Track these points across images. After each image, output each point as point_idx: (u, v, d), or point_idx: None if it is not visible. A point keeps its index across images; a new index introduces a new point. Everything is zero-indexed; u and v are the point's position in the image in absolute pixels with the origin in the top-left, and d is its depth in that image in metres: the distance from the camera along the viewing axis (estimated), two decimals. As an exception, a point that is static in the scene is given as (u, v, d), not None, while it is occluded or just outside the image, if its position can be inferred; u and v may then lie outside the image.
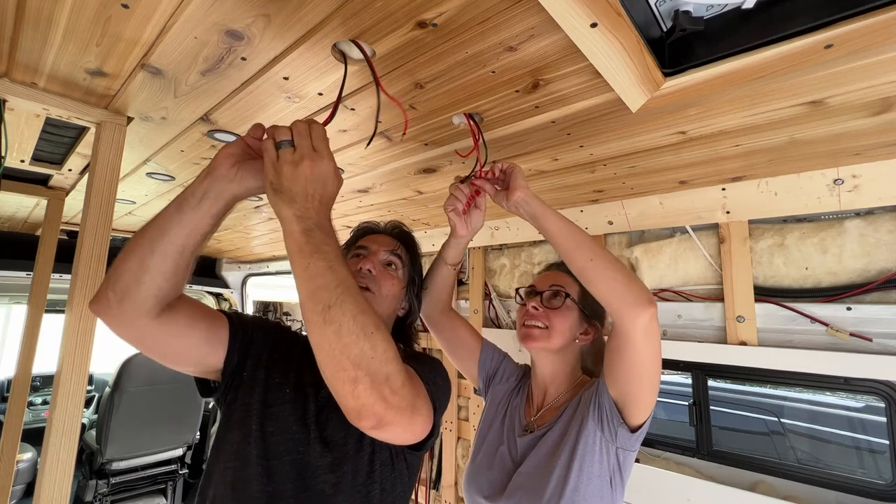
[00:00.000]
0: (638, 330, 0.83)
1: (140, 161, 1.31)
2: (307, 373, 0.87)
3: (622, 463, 0.93)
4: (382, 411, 0.60)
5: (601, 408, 0.93)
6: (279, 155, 0.64)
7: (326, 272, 0.61)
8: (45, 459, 0.90)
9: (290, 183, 0.63)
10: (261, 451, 0.78)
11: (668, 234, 1.53)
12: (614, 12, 0.62)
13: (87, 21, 0.70)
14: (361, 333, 0.59)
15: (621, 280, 0.85)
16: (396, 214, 1.86)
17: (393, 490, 0.84)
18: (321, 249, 0.62)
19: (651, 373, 0.88)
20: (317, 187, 0.64)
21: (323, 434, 0.81)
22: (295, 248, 0.62)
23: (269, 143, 0.66)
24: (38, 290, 1.79)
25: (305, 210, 0.63)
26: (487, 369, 1.28)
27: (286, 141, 0.65)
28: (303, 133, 0.66)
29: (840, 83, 0.73)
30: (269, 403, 0.83)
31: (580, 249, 0.89)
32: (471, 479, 1.09)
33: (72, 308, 0.94)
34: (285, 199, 0.63)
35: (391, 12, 0.63)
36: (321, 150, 0.66)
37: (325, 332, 0.59)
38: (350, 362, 0.58)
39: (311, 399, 0.84)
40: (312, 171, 0.63)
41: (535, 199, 0.94)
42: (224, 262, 3.45)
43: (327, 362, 0.60)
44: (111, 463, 3.11)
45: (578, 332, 1.09)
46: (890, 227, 1.15)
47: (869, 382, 1.18)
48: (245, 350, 0.86)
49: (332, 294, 0.60)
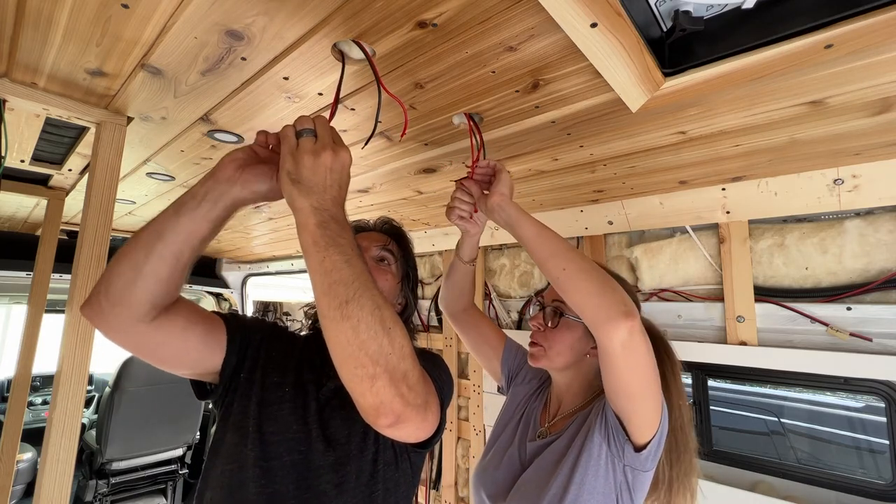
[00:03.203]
0: (615, 346, 0.77)
1: (140, 161, 1.31)
2: (307, 371, 0.87)
3: (631, 482, 0.86)
4: (401, 408, 0.58)
5: (607, 422, 0.88)
6: (300, 143, 0.63)
7: (343, 266, 0.59)
8: (45, 459, 0.90)
9: (309, 172, 0.61)
10: (259, 453, 0.77)
11: (668, 234, 1.53)
12: (614, 12, 0.62)
13: (87, 21, 0.70)
14: (380, 328, 0.58)
15: (594, 292, 0.79)
16: (396, 214, 1.86)
17: (396, 490, 0.83)
18: (337, 242, 0.60)
19: (640, 390, 0.81)
20: (335, 179, 0.63)
21: (325, 433, 0.80)
22: (310, 241, 0.60)
23: (290, 130, 0.65)
24: (38, 290, 1.79)
25: (322, 202, 0.61)
26: (510, 367, 1.27)
27: (308, 129, 0.64)
28: (325, 124, 0.66)
29: (840, 83, 0.73)
30: (267, 403, 0.82)
31: (553, 259, 0.84)
32: (478, 477, 1.08)
33: (72, 308, 0.94)
34: (303, 189, 0.61)
35: (391, 12, 0.63)
36: (340, 142, 0.65)
37: (342, 327, 0.57)
38: (368, 358, 0.57)
39: (311, 397, 0.83)
40: (334, 161, 0.62)
41: (510, 205, 0.91)
42: (224, 262, 3.45)
43: (344, 359, 0.58)
44: (111, 463, 3.11)
45: (587, 347, 1.02)
46: (890, 227, 1.15)
47: (869, 382, 1.18)
48: (243, 352, 0.86)
49: (350, 289, 0.58)
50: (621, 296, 0.80)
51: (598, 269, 0.84)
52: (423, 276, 2.39)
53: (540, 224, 0.89)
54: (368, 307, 0.58)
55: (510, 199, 0.92)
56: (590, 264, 0.84)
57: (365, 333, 0.57)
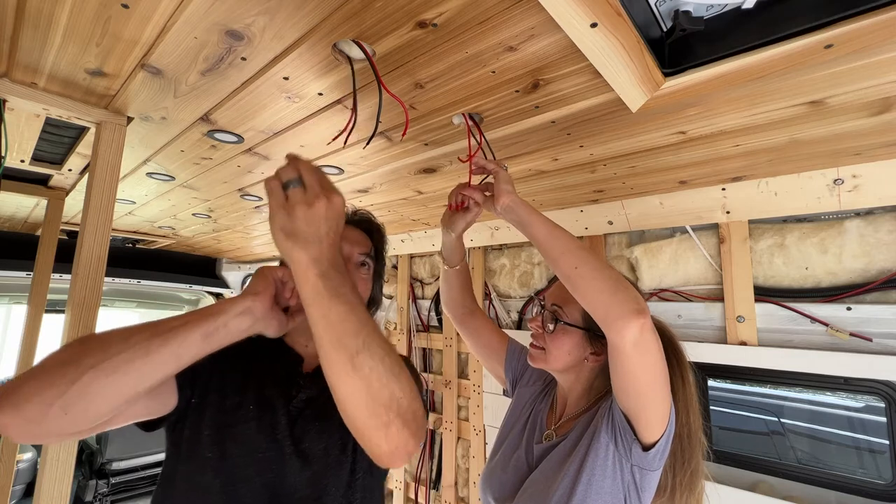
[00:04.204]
0: (627, 343, 0.77)
1: (140, 161, 1.31)
2: (269, 386, 0.82)
3: (639, 482, 0.85)
4: (413, 447, 0.59)
5: (613, 422, 0.87)
6: (289, 196, 0.59)
7: (349, 316, 0.57)
8: (45, 459, 0.90)
9: (304, 224, 0.58)
10: (225, 478, 0.72)
11: (668, 234, 1.53)
12: (614, 12, 0.62)
13: (87, 21, 0.70)
14: (391, 375, 0.57)
15: (606, 290, 0.79)
16: (396, 214, 1.86)
17: (372, 496, 0.82)
18: (339, 292, 0.58)
19: (651, 387, 0.81)
20: (331, 226, 0.60)
21: (300, 447, 0.76)
22: (312, 293, 0.57)
23: (276, 183, 0.60)
24: (38, 290, 1.79)
25: (321, 252, 0.58)
26: (514, 370, 1.26)
27: (294, 180, 0.60)
28: (310, 169, 0.61)
29: (840, 83, 0.73)
30: (228, 425, 0.76)
31: (565, 257, 0.84)
32: (486, 480, 1.08)
33: (72, 308, 0.93)
34: (299, 241, 0.58)
35: (391, 12, 0.63)
36: (330, 186, 0.61)
37: (353, 380, 0.56)
38: (383, 408, 0.56)
39: (280, 412, 0.78)
40: (328, 210, 0.59)
41: (521, 204, 0.90)
42: (224, 262, 3.45)
43: (357, 411, 0.57)
44: (111, 463, 3.11)
45: (586, 352, 1.01)
46: (890, 227, 1.15)
47: (869, 382, 1.18)
48: (192, 380, 0.78)
49: (358, 339, 0.57)
50: (633, 293, 0.80)
51: (609, 268, 0.84)
52: (423, 276, 2.39)
53: (551, 222, 0.89)
54: (378, 355, 0.57)
55: (518, 197, 0.91)
56: (601, 262, 0.84)
57: (377, 383, 0.56)
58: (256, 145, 1.15)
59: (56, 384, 0.55)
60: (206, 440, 0.74)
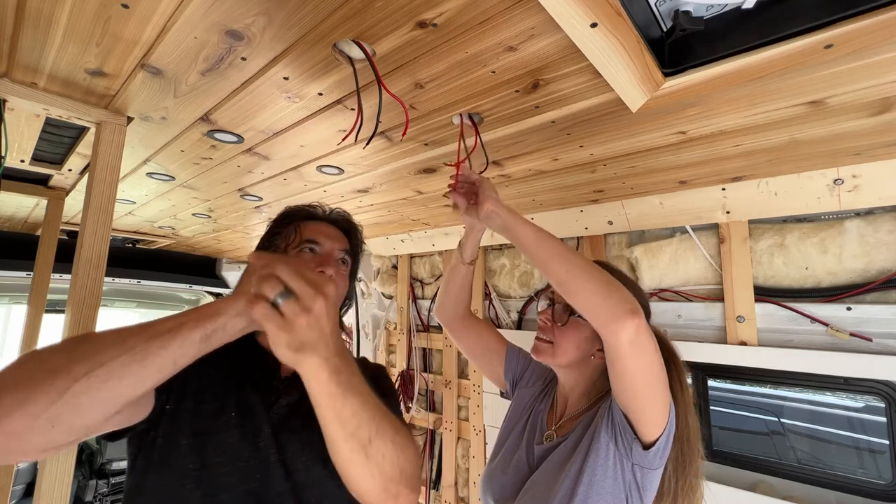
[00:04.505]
0: (623, 344, 0.78)
1: (140, 161, 1.31)
2: (250, 392, 0.79)
3: (640, 481, 0.86)
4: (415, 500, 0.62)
5: (613, 421, 0.88)
6: (284, 311, 0.55)
7: (363, 408, 0.58)
8: (45, 460, 0.90)
9: (309, 332, 0.55)
10: (206, 488, 0.69)
11: (668, 234, 1.53)
12: (614, 12, 0.62)
13: (87, 21, 0.70)
14: (399, 453, 0.59)
15: (600, 293, 0.80)
16: (396, 214, 1.86)
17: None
18: (351, 384, 0.57)
19: (648, 387, 0.82)
20: (332, 319, 0.57)
21: (283, 457, 0.74)
22: (324, 394, 0.56)
23: (265, 308, 0.54)
24: (38, 290, 1.79)
25: (328, 350, 0.56)
26: (514, 372, 1.26)
27: (282, 293, 0.55)
28: (290, 272, 0.56)
29: (840, 83, 0.73)
30: (208, 432, 0.72)
31: (555, 261, 0.84)
32: (486, 481, 1.07)
33: (72, 308, 0.93)
34: (308, 351, 0.55)
35: (391, 12, 0.63)
36: (317, 280, 0.57)
37: (367, 466, 0.58)
38: (393, 483, 0.59)
39: (263, 420, 0.76)
40: (325, 306, 0.56)
41: (505, 210, 0.90)
42: (224, 262, 3.45)
43: (370, 490, 0.59)
44: (111, 463, 3.11)
45: (593, 349, 1.01)
46: (890, 227, 1.15)
47: (869, 382, 1.18)
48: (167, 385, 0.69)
49: (371, 427, 0.58)
50: (626, 294, 0.80)
51: (599, 269, 0.84)
52: (423, 276, 2.39)
53: (536, 227, 0.89)
54: (389, 436, 0.59)
55: (501, 203, 0.91)
56: (591, 265, 0.85)
57: (388, 465, 0.59)
58: (256, 145, 1.15)
59: (44, 394, 0.49)
60: (184, 449, 0.70)
